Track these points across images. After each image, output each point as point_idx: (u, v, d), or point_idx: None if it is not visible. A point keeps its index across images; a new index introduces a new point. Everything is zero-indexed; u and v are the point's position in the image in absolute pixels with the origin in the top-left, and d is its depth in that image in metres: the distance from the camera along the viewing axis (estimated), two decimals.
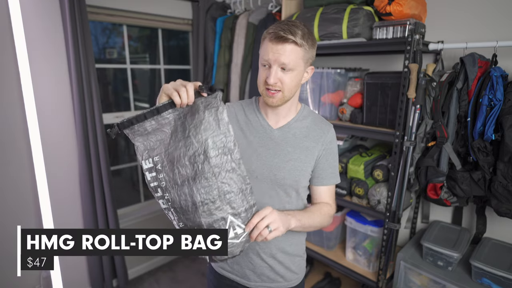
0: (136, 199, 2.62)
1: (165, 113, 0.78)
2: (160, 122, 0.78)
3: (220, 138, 0.77)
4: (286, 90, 0.89)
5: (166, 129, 0.79)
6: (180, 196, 0.78)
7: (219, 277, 1.08)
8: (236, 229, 0.79)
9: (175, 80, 0.80)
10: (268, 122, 0.99)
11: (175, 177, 0.78)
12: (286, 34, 0.83)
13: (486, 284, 1.30)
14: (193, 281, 2.46)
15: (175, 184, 0.78)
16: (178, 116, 0.79)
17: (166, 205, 0.82)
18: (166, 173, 0.79)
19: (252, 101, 1.05)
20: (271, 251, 1.00)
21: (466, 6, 1.51)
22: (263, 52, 0.88)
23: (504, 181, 1.26)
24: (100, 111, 1.99)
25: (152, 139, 0.80)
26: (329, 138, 0.99)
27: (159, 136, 0.80)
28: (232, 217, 0.78)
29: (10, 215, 1.83)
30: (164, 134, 0.80)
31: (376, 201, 1.59)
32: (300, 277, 1.09)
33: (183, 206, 0.78)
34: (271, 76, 0.86)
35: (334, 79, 1.72)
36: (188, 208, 0.78)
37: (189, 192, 0.77)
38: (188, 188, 0.77)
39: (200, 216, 0.77)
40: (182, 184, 0.77)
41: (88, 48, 1.88)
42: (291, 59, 0.85)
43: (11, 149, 1.77)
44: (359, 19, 1.53)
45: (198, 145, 0.76)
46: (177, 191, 0.78)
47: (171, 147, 0.79)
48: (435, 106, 1.39)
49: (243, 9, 2.40)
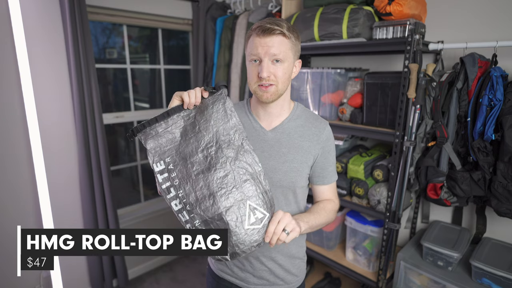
0: (136, 199, 2.62)
1: (175, 115, 0.83)
2: (171, 124, 0.83)
3: (229, 125, 0.81)
4: (279, 83, 0.88)
5: (176, 131, 0.83)
6: (196, 188, 0.80)
7: (219, 280, 1.07)
8: (256, 214, 0.79)
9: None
10: (260, 124, 0.98)
11: (189, 171, 0.80)
12: (273, 26, 0.83)
13: (486, 284, 1.30)
14: (193, 281, 2.46)
15: (189, 179, 0.80)
16: (188, 117, 0.84)
17: (180, 204, 0.81)
18: (179, 170, 0.81)
19: (243, 103, 1.03)
20: (270, 254, 0.98)
21: (466, 6, 1.51)
22: (251, 48, 0.87)
23: (504, 181, 1.26)
24: (100, 111, 1.99)
25: (163, 141, 0.83)
26: (325, 136, 0.97)
27: (170, 138, 0.83)
28: (250, 201, 0.79)
29: (10, 215, 1.83)
30: (175, 136, 0.83)
31: (376, 201, 1.59)
32: (300, 280, 1.08)
33: (199, 198, 0.80)
34: (264, 70, 0.84)
35: (334, 79, 1.72)
36: (205, 198, 0.79)
37: (205, 182, 0.79)
38: (204, 179, 0.79)
39: (218, 202, 0.78)
40: (197, 176, 0.80)
41: (88, 48, 1.88)
42: (281, 50, 0.85)
43: (11, 149, 1.77)
44: (359, 19, 1.53)
45: (210, 137, 0.81)
46: (192, 184, 0.80)
47: (182, 146, 0.82)
48: (435, 106, 1.39)
49: (243, 9, 2.40)
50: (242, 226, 0.78)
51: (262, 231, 0.79)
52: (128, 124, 2.49)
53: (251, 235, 0.78)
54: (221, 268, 1.06)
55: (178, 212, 0.81)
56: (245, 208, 0.78)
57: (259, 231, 0.79)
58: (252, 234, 0.78)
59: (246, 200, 0.79)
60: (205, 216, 0.79)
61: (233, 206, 0.78)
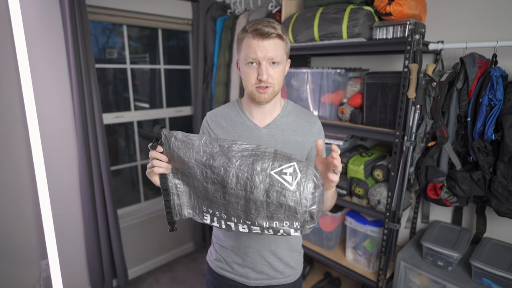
0: (136, 199, 2.62)
1: (171, 185, 0.86)
2: (176, 192, 0.87)
3: (197, 144, 0.81)
4: (276, 84, 0.92)
5: (184, 190, 0.87)
6: (234, 207, 0.81)
7: (218, 278, 1.08)
8: (286, 172, 0.75)
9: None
10: (254, 121, 1.00)
11: (220, 201, 0.82)
12: (269, 29, 0.85)
13: (486, 284, 1.30)
14: (193, 281, 2.46)
15: (222, 205, 0.82)
16: (175, 175, 0.86)
17: (239, 225, 0.83)
18: (210, 207, 0.84)
19: (234, 103, 1.05)
20: (270, 248, 1.01)
21: (466, 6, 1.51)
22: (249, 51, 0.88)
23: (504, 181, 1.26)
24: (100, 111, 1.99)
25: (186, 200, 0.87)
26: (316, 129, 1.03)
27: (188, 196, 0.87)
28: (271, 170, 0.76)
29: (10, 215, 1.83)
30: (187, 190, 0.87)
31: (376, 201, 1.59)
32: (298, 272, 1.10)
33: (242, 211, 0.80)
34: (264, 73, 0.87)
35: (334, 79, 1.72)
36: (248, 208, 0.79)
37: (233, 197, 0.79)
38: (229, 195, 0.80)
39: (256, 197, 0.76)
40: (225, 197, 0.81)
41: (88, 48, 1.88)
42: (278, 53, 0.88)
43: (11, 149, 1.77)
44: (359, 19, 1.53)
45: (197, 166, 0.80)
46: (227, 207, 0.82)
47: (196, 192, 0.85)
48: (435, 106, 1.39)
49: (243, 9, 2.40)
50: (290, 191, 0.74)
51: (304, 178, 0.74)
52: (128, 124, 2.49)
53: (303, 189, 0.74)
54: (220, 266, 1.07)
55: (251, 231, 0.82)
56: (275, 178, 0.75)
57: (302, 179, 0.74)
58: (304, 187, 0.74)
59: (269, 173, 0.75)
60: (263, 217, 0.78)
61: (268, 190, 0.75)
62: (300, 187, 0.73)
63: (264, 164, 0.76)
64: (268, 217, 0.77)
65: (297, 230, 0.77)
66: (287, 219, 0.76)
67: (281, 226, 0.77)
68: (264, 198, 0.75)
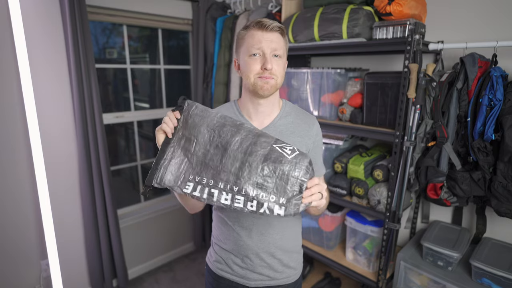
0: (136, 199, 2.62)
1: (168, 148, 0.86)
2: (170, 156, 0.85)
3: (212, 115, 0.85)
4: (279, 77, 0.92)
5: (178, 156, 0.86)
6: (229, 169, 0.82)
7: (218, 279, 1.08)
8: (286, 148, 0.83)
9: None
10: (252, 123, 0.99)
11: (214, 165, 0.83)
12: (272, 24, 0.89)
13: (486, 284, 1.30)
14: (193, 281, 2.46)
15: (218, 170, 0.83)
16: (178, 140, 0.86)
17: (228, 195, 0.82)
18: (205, 174, 0.84)
19: (231, 105, 1.04)
20: (269, 250, 1.00)
21: (466, 5, 1.51)
22: (253, 42, 0.89)
23: (504, 181, 1.26)
24: (100, 111, 1.99)
25: (175, 169, 0.86)
26: (315, 131, 1.03)
27: (179, 163, 0.86)
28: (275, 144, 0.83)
29: (10, 215, 1.83)
30: (181, 159, 0.86)
31: (376, 201, 1.59)
32: (298, 272, 1.10)
33: (234, 173, 0.81)
34: (268, 62, 0.88)
35: (334, 79, 1.72)
36: (242, 169, 0.81)
37: (230, 159, 0.82)
38: (226, 158, 0.82)
39: (257, 161, 0.80)
40: (222, 163, 0.82)
41: (88, 48, 1.88)
42: (281, 46, 0.91)
43: (11, 149, 1.77)
44: (359, 19, 1.53)
45: (208, 132, 0.84)
46: (223, 171, 0.82)
47: (194, 158, 0.85)
48: (435, 106, 1.39)
49: (243, 9, 2.40)
50: (287, 158, 0.79)
51: (301, 155, 0.81)
52: (128, 124, 2.49)
53: (299, 160, 0.79)
54: (220, 267, 1.07)
55: (233, 203, 0.81)
56: (275, 149, 0.81)
57: (299, 155, 0.80)
58: (300, 160, 0.79)
59: (271, 145, 0.81)
60: (253, 183, 0.80)
61: (267, 156, 0.80)
62: (297, 158, 0.79)
63: (268, 139, 0.83)
64: (258, 184, 0.79)
65: (281, 207, 0.78)
66: (275, 192, 0.78)
67: (267, 199, 0.78)
68: (261, 161, 0.79)
